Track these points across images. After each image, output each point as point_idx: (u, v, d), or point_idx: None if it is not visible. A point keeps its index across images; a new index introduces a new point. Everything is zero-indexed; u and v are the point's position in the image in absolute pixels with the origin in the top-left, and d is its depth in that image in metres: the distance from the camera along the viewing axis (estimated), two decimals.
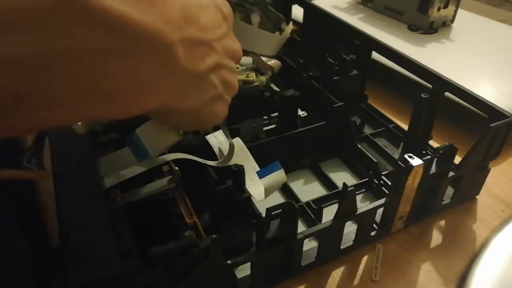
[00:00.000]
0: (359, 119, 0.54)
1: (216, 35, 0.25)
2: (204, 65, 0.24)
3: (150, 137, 0.29)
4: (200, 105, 0.26)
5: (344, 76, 0.51)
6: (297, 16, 0.66)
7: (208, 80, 0.25)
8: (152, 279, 0.27)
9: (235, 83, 0.29)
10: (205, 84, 0.25)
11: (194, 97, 0.25)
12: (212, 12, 0.26)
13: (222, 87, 0.27)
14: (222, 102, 0.28)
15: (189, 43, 0.22)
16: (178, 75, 0.22)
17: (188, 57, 0.22)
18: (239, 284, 0.35)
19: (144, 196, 0.33)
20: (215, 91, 0.26)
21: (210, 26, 0.25)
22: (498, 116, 0.39)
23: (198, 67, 0.24)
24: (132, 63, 0.19)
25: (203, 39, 0.24)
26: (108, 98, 0.20)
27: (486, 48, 0.65)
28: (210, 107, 0.27)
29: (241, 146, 0.39)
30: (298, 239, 0.34)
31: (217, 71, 0.26)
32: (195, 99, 0.25)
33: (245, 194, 0.34)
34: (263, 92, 0.44)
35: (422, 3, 0.68)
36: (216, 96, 0.27)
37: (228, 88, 0.28)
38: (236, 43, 0.29)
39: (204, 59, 0.24)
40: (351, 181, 0.46)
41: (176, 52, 0.21)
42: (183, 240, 0.28)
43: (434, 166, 0.39)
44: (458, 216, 0.43)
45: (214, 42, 0.25)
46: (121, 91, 0.20)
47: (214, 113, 0.28)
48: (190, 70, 0.23)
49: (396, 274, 0.38)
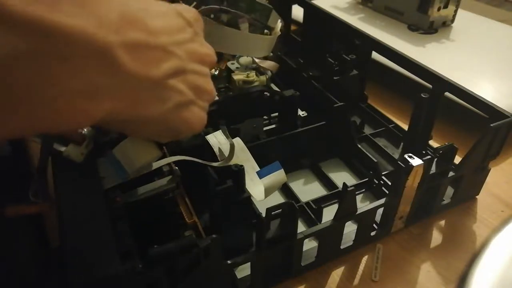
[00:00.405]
0: (359, 119, 0.54)
1: (174, 39, 0.25)
2: (159, 70, 0.23)
3: (126, 155, 0.29)
4: (166, 112, 0.25)
5: (344, 76, 0.51)
6: (297, 16, 0.66)
7: (168, 86, 0.25)
8: (152, 279, 0.27)
9: (209, 88, 0.28)
10: (166, 90, 0.25)
11: (155, 104, 0.24)
12: (169, 18, 0.25)
13: (191, 93, 0.26)
14: (195, 109, 0.27)
15: (134, 47, 0.22)
16: (126, 80, 0.22)
17: (136, 62, 0.22)
18: (239, 284, 0.35)
19: (144, 196, 0.33)
20: (180, 97, 0.26)
21: (164, 30, 0.24)
22: (498, 116, 0.39)
23: (151, 72, 0.23)
24: (61, 67, 0.19)
25: (153, 43, 0.23)
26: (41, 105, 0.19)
27: (486, 48, 0.65)
28: (179, 115, 0.26)
29: (241, 146, 0.39)
30: (298, 239, 0.34)
31: (180, 76, 0.25)
32: (157, 106, 0.24)
33: (245, 194, 0.34)
34: (263, 92, 0.44)
35: (422, 3, 0.68)
36: (184, 102, 0.26)
37: (200, 93, 0.27)
38: (205, 48, 0.28)
39: (158, 64, 0.23)
40: (351, 181, 0.46)
41: (116, 56, 0.20)
42: (183, 240, 0.28)
43: (434, 166, 0.39)
44: (458, 216, 0.43)
45: (172, 47, 0.24)
46: (56, 96, 0.19)
47: (186, 120, 0.27)
48: (142, 75, 0.22)
49: (396, 274, 0.38)
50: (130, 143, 0.29)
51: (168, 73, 0.24)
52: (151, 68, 0.23)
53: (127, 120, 0.24)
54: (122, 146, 0.29)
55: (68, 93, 0.19)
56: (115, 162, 0.29)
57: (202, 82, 0.27)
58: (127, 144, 0.29)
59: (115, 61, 0.21)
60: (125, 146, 0.29)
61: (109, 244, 0.26)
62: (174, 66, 0.25)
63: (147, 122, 0.25)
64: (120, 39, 0.21)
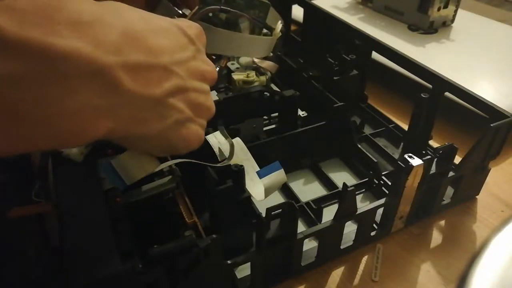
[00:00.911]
0: (359, 119, 0.54)
1: (175, 58, 0.25)
2: (159, 89, 0.24)
3: (125, 167, 0.29)
4: (164, 129, 0.26)
5: (344, 76, 0.51)
6: (297, 16, 0.66)
7: (168, 104, 0.25)
8: (152, 279, 0.27)
9: (209, 105, 0.29)
10: (166, 109, 0.25)
11: (154, 121, 0.25)
12: (171, 36, 0.25)
13: (190, 111, 0.27)
14: (193, 126, 0.28)
15: (134, 67, 0.22)
16: (126, 100, 0.22)
17: (136, 82, 0.22)
18: (239, 284, 0.35)
19: (144, 196, 0.33)
20: (180, 115, 0.26)
21: (166, 49, 0.24)
22: (498, 116, 0.39)
23: (151, 92, 0.23)
24: (58, 88, 0.19)
25: (154, 63, 0.23)
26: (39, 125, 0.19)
27: (486, 48, 0.65)
28: (177, 132, 0.26)
29: (241, 146, 0.39)
30: (298, 239, 0.34)
31: (180, 94, 0.26)
32: (156, 124, 0.25)
33: (245, 194, 0.34)
34: (263, 92, 0.44)
35: (422, 3, 0.68)
36: (183, 120, 0.26)
37: (199, 111, 0.28)
38: (207, 65, 0.28)
39: (159, 83, 0.24)
40: (351, 181, 0.46)
41: (116, 76, 0.21)
42: (183, 240, 0.28)
43: (434, 166, 0.39)
44: (458, 216, 0.43)
45: (173, 66, 0.25)
46: (53, 116, 0.19)
47: (184, 137, 0.27)
48: (142, 95, 0.23)
49: (396, 274, 0.38)
50: (129, 157, 0.29)
51: (169, 92, 0.25)
52: (152, 88, 0.23)
53: (125, 137, 0.25)
54: (121, 158, 0.29)
55: (65, 113, 0.20)
56: (113, 172, 0.30)
57: (202, 99, 0.28)
58: (125, 157, 0.29)
59: (115, 82, 0.21)
60: (124, 159, 0.29)
61: (109, 244, 0.26)
62: (174, 85, 0.25)
63: (145, 138, 0.26)
64: (120, 60, 0.21)
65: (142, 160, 0.30)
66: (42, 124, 0.19)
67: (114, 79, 0.21)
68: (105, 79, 0.20)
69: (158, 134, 0.26)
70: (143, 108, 0.23)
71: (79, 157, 0.32)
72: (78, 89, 0.20)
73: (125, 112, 0.22)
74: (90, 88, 0.20)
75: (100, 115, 0.21)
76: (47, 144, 0.21)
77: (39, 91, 0.19)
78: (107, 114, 0.21)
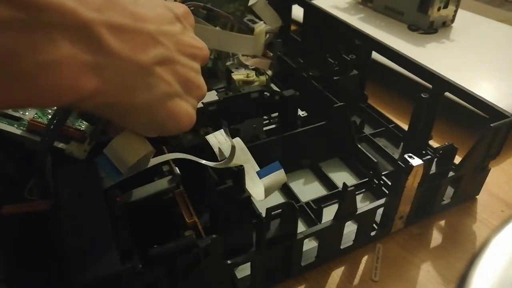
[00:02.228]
0: (359, 119, 0.54)
1: (161, 29, 0.24)
2: (146, 56, 0.23)
3: (117, 154, 0.28)
4: (151, 101, 0.25)
5: (344, 76, 0.51)
6: (297, 16, 0.66)
7: (155, 73, 0.24)
8: (152, 279, 0.27)
9: (199, 83, 0.28)
10: (153, 78, 0.24)
11: (141, 90, 0.24)
12: (158, 9, 0.25)
13: (179, 86, 0.26)
14: (182, 103, 0.27)
15: (118, 28, 0.22)
16: (111, 60, 0.22)
17: (121, 43, 0.22)
18: (239, 284, 0.35)
19: (144, 196, 0.33)
20: (168, 87, 0.25)
21: (152, 19, 0.24)
22: (498, 116, 0.39)
23: (137, 56, 0.23)
24: (42, 38, 0.19)
25: (139, 28, 0.23)
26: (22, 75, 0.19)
27: (486, 48, 0.65)
28: (165, 106, 0.25)
29: (241, 146, 0.39)
30: (298, 239, 0.34)
31: (167, 65, 0.25)
32: (143, 93, 0.24)
33: (245, 194, 0.34)
34: (263, 92, 0.44)
35: (422, 3, 0.68)
36: (171, 93, 0.26)
37: (189, 88, 0.27)
38: (196, 41, 0.27)
39: (145, 49, 0.23)
40: (351, 181, 0.46)
41: (99, 33, 0.21)
42: (183, 240, 0.28)
43: (434, 166, 0.39)
44: (458, 216, 0.43)
45: (159, 36, 0.24)
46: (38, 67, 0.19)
47: (172, 113, 0.26)
48: (128, 58, 0.22)
49: (396, 274, 0.38)
50: (120, 141, 0.28)
51: (155, 60, 0.24)
52: (138, 52, 0.23)
53: (112, 105, 0.24)
54: (112, 145, 0.28)
55: (50, 64, 0.19)
56: (108, 163, 0.29)
57: (191, 76, 0.27)
58: (117, 142, 0.28)
59: (98, 39, 0.21)
60: (116, 144, 0.28)
61: (109, 244, 0.26)
62: (161, 54, 0.24)
63: (132, 110, 0.25)
64: (103, 18, 0.21)
65: (134, 143, 0.28)
66: (23, 74, 0.19)
67: (97, 36, 0.21)
68: (88, 34, 0.20)
69: (145, 106, 0.25)
70: (128, 73, 0.23)
71: (82, 155, 0.32)
72: (63, 41, 0.19)
73: (111, 74, 0.22)
74: (74, 42, 0.20)
75: (86, 70, 0.21)
76: (26, 98, 0.20)
77: (22, 39, 0.18)
78: (93, 70, 0.21)
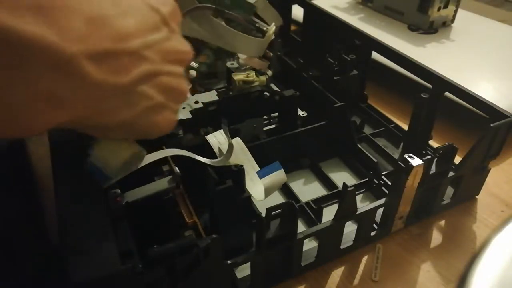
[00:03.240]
0: (359, 119, 0.54)
1: (146, 42, 0.23)
2: (128, 77, 0.23)
3: (102, 159, 0.28)
4: (134, 117, 0.24)
5: (344, 76, 0.51)
6: (297, 16, 0.66)
7: (137, 92, 0.24)
8: (152, 279, 0.27)
9: (182, 89, 0.27)
10: (134, 97, 0.24)
11: (123, 110, 0.24)
12: (143, 15, 0.24)
13: (162, 97, 0.25)
14: (165, 112, 0.26)
15: (100, 55, 0.21)
16: (92, 90, 0.21)
17: (102, 71, 0.21)
18: (239, 284, 0.35)
19: (144, 196, 0.33)
20: (150, 102, 0.25)
21: (136, 32, 0.23)
22: (498, 116, 0.39)
23: (120, 80, 0.22)
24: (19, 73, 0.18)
25: (123, 49, 0.22)
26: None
27: (486, 48, 0.65)
28: (147, 119, 0.25)
29: (241, 146, 0.39)
30: (298, 239, 0.34)
31: (151, 80, 0.24)
32: (125, 112, 0.24)
33: (245, 194, 0.34)
34: (263, 92, 0.44)
35: (422, 3, 0.68)
36: (153, 106, 0.25)
37: (172, 95, 0.26)
38: (181, 45, 0.27)
39: (127, 71, 0.23)
40: (351, 181, 0.46)
41: (80, 66, 0.20)
42: (183, 240, 0.28)
43: (434, 166, 0.39)
44: (458, 216, 0.43)
45: (145, 50, 0.23)
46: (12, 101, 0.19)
47: (155, 124, 0.26)
48: (108, 84, 0.22)
49: (396, 274, 0.38)
50: (102, 146, 0.28)
51: (138, 79, 0.23)
52: (120, 76, 0.22)
53: (90, 126, 0.24)
54: (95, 152, 0.28)
55: (23, 101, 0.19)
56: (96, 169, 0.29)
57: (175, 83, 0.26)
58: (99, 147, 0.28)
59: (79, 72, 0.20)
60: (98, 150, 0.28)
61: (109, 244, 0.26)
62: (145, 71, 0.24)
63: (113, 127, 0.25)
64: (85, 49, 0.20)
65: (117, 147, 0.28)
66: None
67: (79, 69, 0.20)
68: (69, 69, 0.20)
69: (127, 122, 0.24)
70: (110, 97, 0.22)
71: None
72: (40, 77, 0.19)
73: (89, 103, 0.21)
74: (52, 78, 0.19)
75: (62, 105, 0.20)
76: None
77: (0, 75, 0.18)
78: (69, 104, 0.21)
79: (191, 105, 0.42)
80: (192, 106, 0.41)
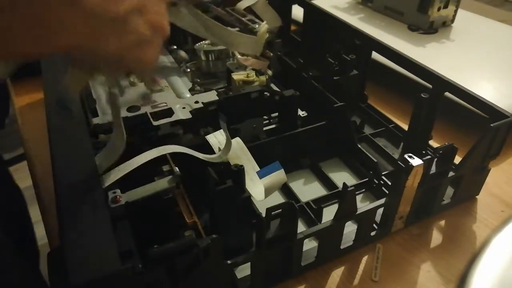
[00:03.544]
0: (359, 119, 0.54)
1: None
2: (122, 7, 0.25)
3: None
4: (122, 51, 0.26)
5: (344, 76, 0.51)
6: (297, 16, 0.66)
7: (127, 23, 0.26)
8: (152, 279, 0.27)
9: (164, 25, 0.29)
10: (125, 27, 0.26)
11: (114, 40, 0.26)
12: None
13: (148, 32, 0.27)
14: (149, 49, 0.28)
15: None
16: (88, 16, 0.23)
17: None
18: (239, 284, 0.35)
19: (144, 196, 0.33)
20: (138, 36, 0.27)
21: None
22: (498, 116, 0.39)
23: (112, 8, 0.24)
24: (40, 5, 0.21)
25: None
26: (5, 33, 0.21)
27: (486, 48, 0.65)
28: (133, 53, 0.27)
29: (241, 146, 0.39)
30: (298, 239, 0.34)
31: (141, 14, 0.26)
32: (115, 42, 0.26)
33: (245, 194, 0.34)
34: (263, 92, 0.44)
35: (422, 3, 0.68)
36: (139, 42, 0.27)
37: (156, 31, 0.28)
38: None
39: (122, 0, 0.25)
40: (351, 181, 0.46)
41: None
42: (183, 240, 0.28)
43: (434, 166, 0.39)
44: (458, 216, 0.43)
45: None
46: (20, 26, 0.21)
47: (140, 59, 0.28)
48: (102, 11, 0.24)
49: (396, 274, 0.38)
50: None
51: (130, 10, 0.25)
52: (113, 5, 0.24)
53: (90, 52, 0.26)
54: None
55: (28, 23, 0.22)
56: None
57: (159, 19, 0.28)
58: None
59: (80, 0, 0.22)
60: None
61: (109, 244, 0.26)
62: (135, 3, 0.26)
63: (105, 56, 0.26)
64: None
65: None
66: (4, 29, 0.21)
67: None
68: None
69: (116, 53, 0.26)
70: (103, 25, 0.24)
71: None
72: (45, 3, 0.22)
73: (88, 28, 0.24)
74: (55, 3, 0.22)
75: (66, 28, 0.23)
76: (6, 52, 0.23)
77: None
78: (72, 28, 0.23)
79: (191, 105, 0.42)
80: (192, 106, 0.41)
